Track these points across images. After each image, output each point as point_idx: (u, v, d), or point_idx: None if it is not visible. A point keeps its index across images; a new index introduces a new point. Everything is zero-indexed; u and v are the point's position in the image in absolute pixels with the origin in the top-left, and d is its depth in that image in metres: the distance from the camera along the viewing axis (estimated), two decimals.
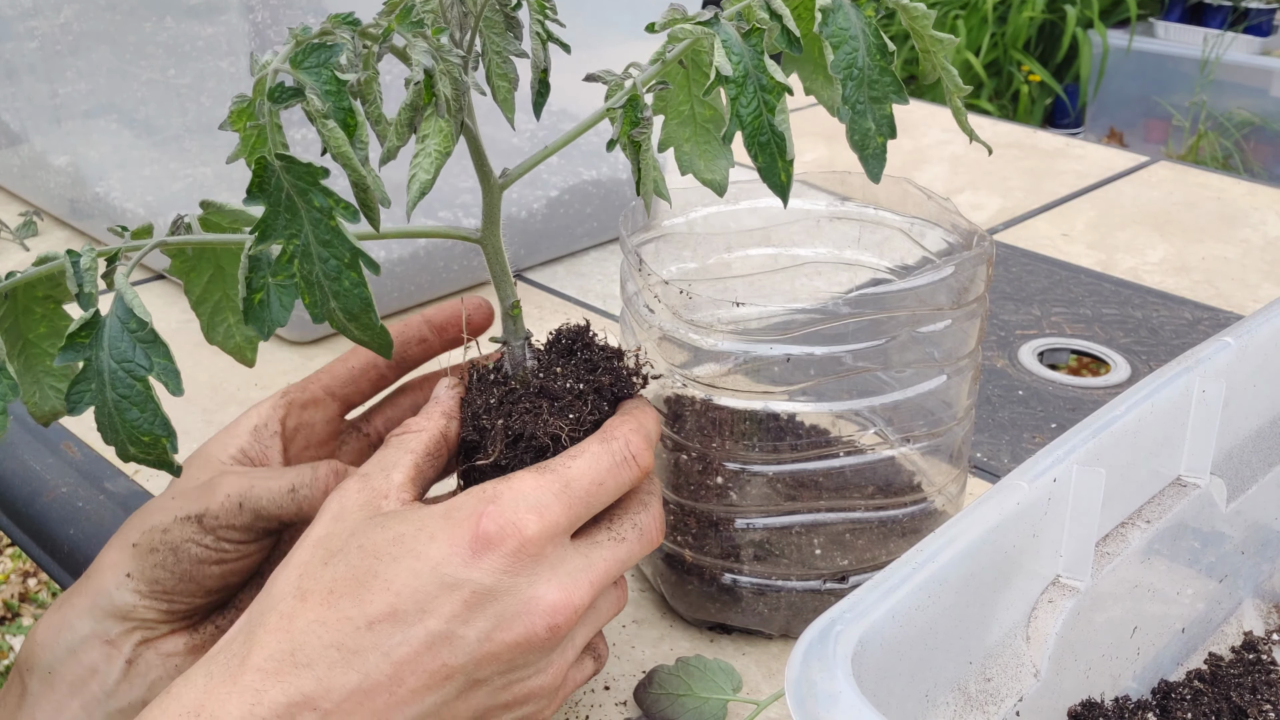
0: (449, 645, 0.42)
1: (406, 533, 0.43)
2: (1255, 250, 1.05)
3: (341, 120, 0.39)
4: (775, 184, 0.44)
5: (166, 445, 0.43)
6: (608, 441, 0.46)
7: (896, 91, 0.44)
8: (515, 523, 0.43)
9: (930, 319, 0.53)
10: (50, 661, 0.49)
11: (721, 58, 0.42)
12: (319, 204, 0.39)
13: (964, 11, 3.87)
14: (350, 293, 0.40)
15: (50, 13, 0.92)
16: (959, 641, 0.41)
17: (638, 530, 0.47)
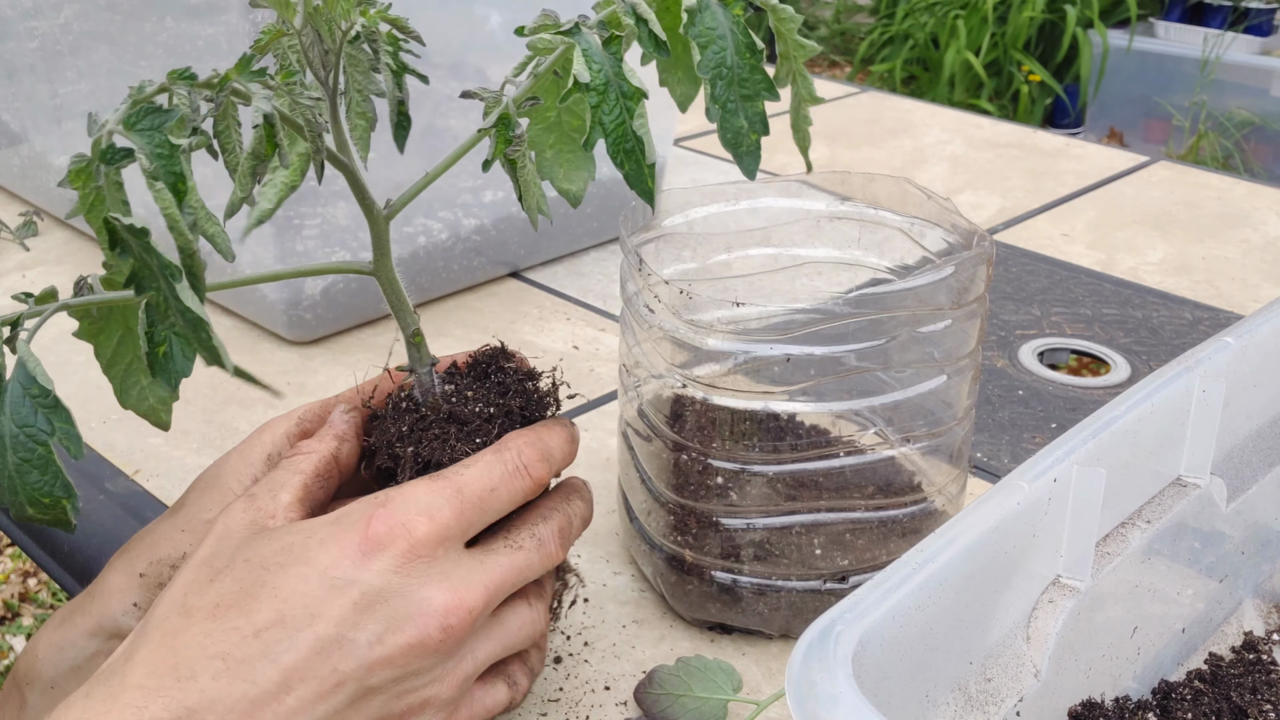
0: (339, 649, 0.41)
1: (295, 542, 0.43)
2: (1255, 250, 1.05)
3: (172, 185, 0.39)
4: (642, 189, 0.44)
5: (67, 506, 0.43)
6: (501, 452, 0.47)
7: (768, 89, 0.45)
8: (405, 524, 0.43)
9: (930, 319, 0.53)
10: (52, 677, 0.49)
11: (581, 66, 0.43)
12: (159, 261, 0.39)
13: (964, 11, 3.87)
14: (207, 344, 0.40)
15: (50, 13, 0.92)
16: (959, 641, 0.41)
17: (536, 540, 0.47)
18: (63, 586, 0.69)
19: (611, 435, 0.75)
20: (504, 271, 0.96)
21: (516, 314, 0.91)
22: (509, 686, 0.49)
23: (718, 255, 0.63)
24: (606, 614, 0.60)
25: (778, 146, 1.30)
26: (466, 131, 0.89)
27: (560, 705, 0.54)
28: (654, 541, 0.58)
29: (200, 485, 0.52)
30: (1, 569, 2.03)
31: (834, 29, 4.86)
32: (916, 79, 4.10)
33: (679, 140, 1.30)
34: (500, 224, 0.92)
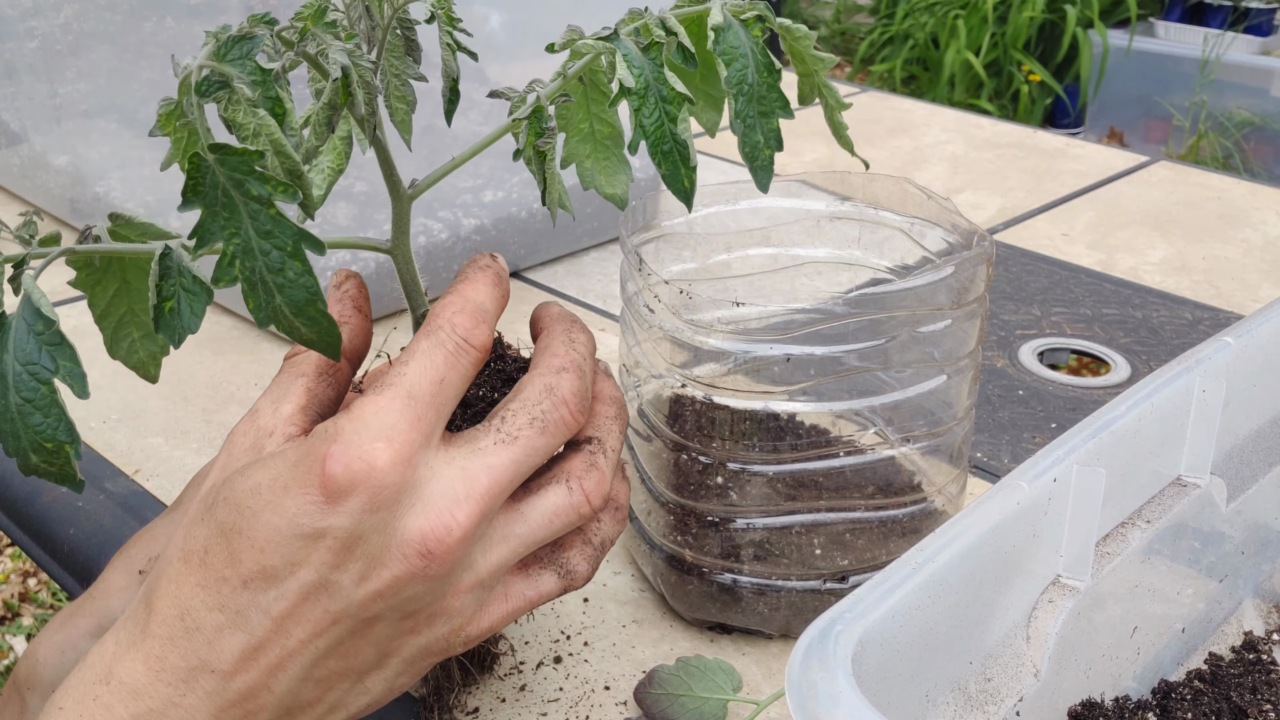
0: (326, 593, 0.40)
1: (263, 482, 0.41)
2: (1255, 250, 1.05)
3: (270, 109, 0.39)
4: (679, 191, 0.45)
5: (70, 452, 0.42)
6: (433, 333, 0.42)
7: (783, 107, 0.46)
8: (363, 458, 0.39)
9: (930, 319, 0.53)
10: (53, 680, 0.49)
11: (624, 70, 0.43)
12: (256, 193, 0.38)
13: (964, 11, 3.88)
14: (295, 283, 0.39)
15: (50, 13, 0.92)
16: (959, 641, 0.41)
17: (538, 424, 0.43)
18: (63, 586, 0.69)
19: None
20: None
21: (516, 314, 0.91)
22: (560, 575, 0.46)
23: (718, 255, 0.63)
24: (606, 614, 0.60)
25: None
26: (467, 131, 0.89)
27: (560, 705, 0.54)
28: (654, 541, 0.58)
29: (196, 482, 0.52)
30: (1, 569, 2.03)
31: (834, 29, 4.86)
32: (916, 79, 4.10)
33: None
34: (500, 224, 0.92)
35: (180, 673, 0.40)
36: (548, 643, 0.58)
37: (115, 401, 0.79)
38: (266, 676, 0.41)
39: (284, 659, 0.41)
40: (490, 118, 0.88)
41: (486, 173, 0.90)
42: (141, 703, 0.40)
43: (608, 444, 0.46)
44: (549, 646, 0.57)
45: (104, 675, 0.41)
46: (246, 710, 0.41)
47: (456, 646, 0.44)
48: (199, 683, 0.40)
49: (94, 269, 0.47)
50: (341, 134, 0.44)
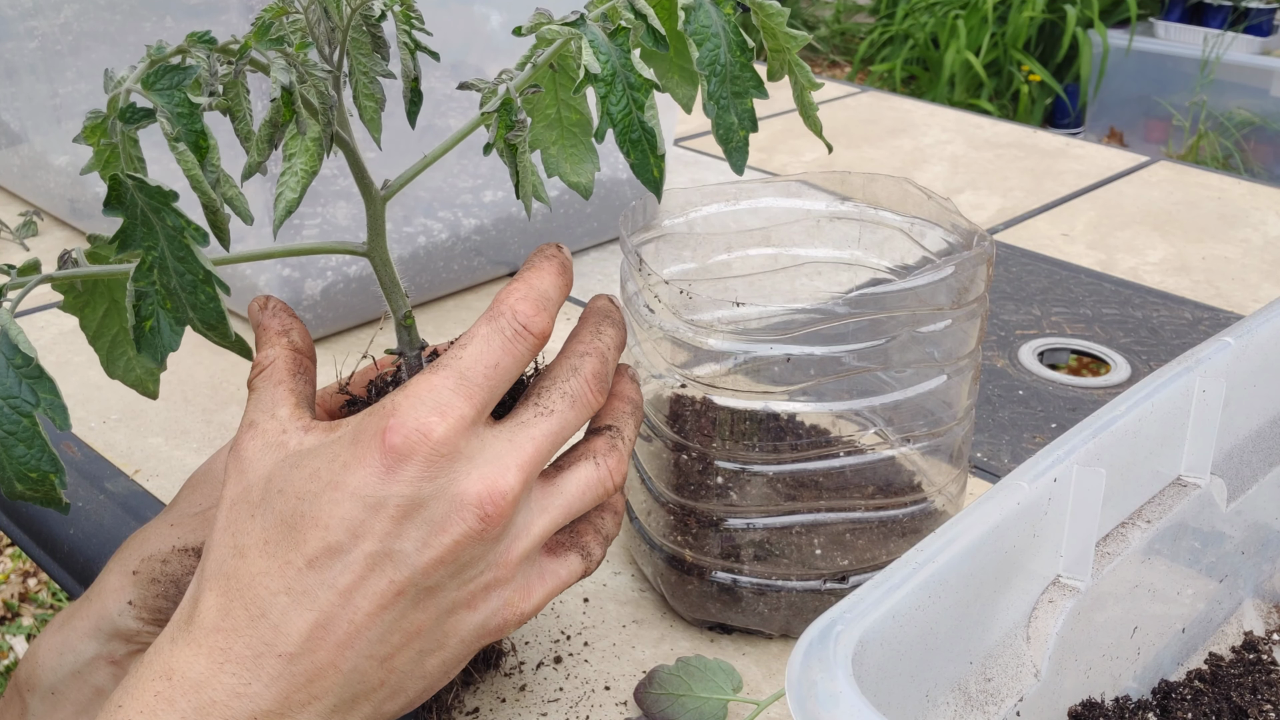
0: (390, 562, 0.42)
1: (321, 466, 0.43)
2: (1255, 250, 1.05)
3: (193, 143, 0.40)
4: (648, 180, 0.44)
5: (55, 482, 0.42)
6: (494, 319, 0.45)
7: (756, 86, 0.46)
8: (419, 429, 0.42)
9: (930, 319, 0.53)
10: (53, 682, 0.49)
11: (590, 57, 0.43)
12: (171, 223, 0.39)
13: (964, 11, 3.88)
14: (206, 306, 0.41)
15: (50, 13, 0.92)
16: (959, 641, 0.41)
17: (569, 399, 0.46)
18: (63, 586, 0.69)
19: None
20: (504, 271, 0.96)
21: None
22: (583, 557, 0.48)
23: (718, 255, 0.63)
24: (606, 614, 0.60)
25: (778, 146, 1.30)
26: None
27: (560, 705, 0.54)
28: (654, 541, 0.58)
29: (191, 482, 0.52)
30: (1, 569, 2.03)
31: (834, 29, 4.86)
32: (916, 79, 4.10)
33: (679, 140, 1.30)
34: (500, 224, 0.92)
35: (245, 660, 0.41)
36: (548, 643, 0.58)
37: (115, 401, 0.79)
38: (334, 654, 0.41)
39: (351, 635, 0.41)
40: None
41: (486, 173, 0.90)
42: (204, 694, 0.40)
43: (625, 433, 0.49)
44: (549, 646, 0.57)
45: (164, 672, 0.41)
46: (312, 694, 0.41)
47: (511, 624, 0.46)
48: (264, 667, 0.41)
49: (80, 292, 0.48)
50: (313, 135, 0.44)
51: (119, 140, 0.40)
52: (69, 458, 0.73)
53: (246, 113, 0.43)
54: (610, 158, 0.98)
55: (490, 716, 0.53)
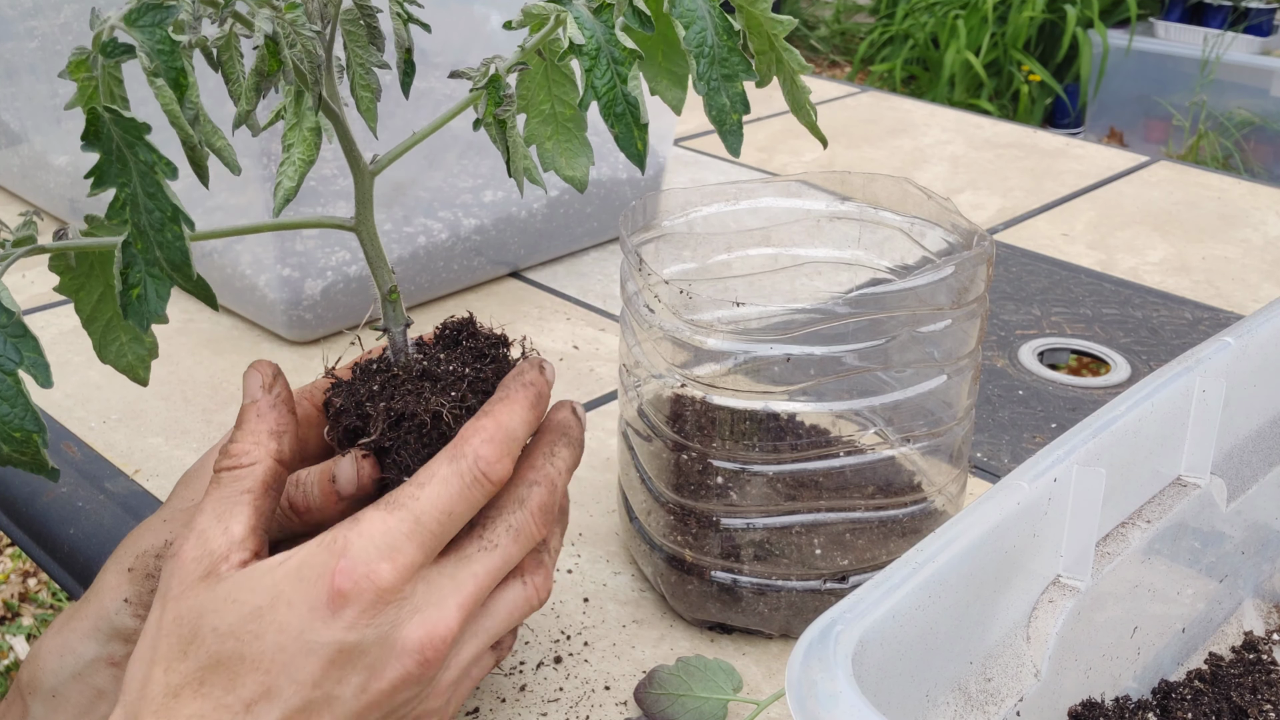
0: (328, 707, 0.42)
1: (263, 605, 0.42)
2: (1255, 250, 1.05)
3: (173, 80, 0.40)
4: (632, 152, 0.45)
5: (38, 441, 0.42)
6: (456, 460, 0.44)
7: (745, 69, 0.46)
8: (368, 575, 0.42)
9: (930, 319, 0.53)
10: (54, 685, 0.49)
11: (574, 29, 0.43)
12: (144, 158, 0.39)
13: (964, 11, 3.88)
14: (172, 245, 0.40)
15: (50, 13, 0.92)
16: (959, 641, 0.41)
17: (512, 532, 0.46)
18: (63, 586, 0.69)
19: (611, 435, 0.75)
20: (504, 271, 0.96)
21: (516, 314, 0.91)
22: (495, 652, 0.49)
23: (718, 255, 0.63)
24: (606, 614, 0.60)
25: (778, 146, 1.30)
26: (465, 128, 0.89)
27: (560, 705, 0.54)
28: (654, 541, 0.58)
29: (184, 479, 0.52)
30: (1, 569, 2.03)
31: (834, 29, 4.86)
32: (916, 79, 4.10)
33: (679, 140, 1.30)
34: (500, 224, 0.92)
35: None
36: (548, 643, 0.58)
37: (115, 401, 0.79)
38: None
39: None
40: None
41: (487, 173, 0.90)
42: None
43: (551, 545, 0.50)
44: (549, 646, 0.57)
45: None
46: None
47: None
48: None
49: (77, 273, 0.48)
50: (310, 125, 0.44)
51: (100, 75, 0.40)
52: (69, 458, 0.73)
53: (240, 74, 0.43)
54: (610, 158, 0.98)
55: (490, 716, 0.53)
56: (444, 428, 0.47)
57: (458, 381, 0.48)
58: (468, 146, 0.88)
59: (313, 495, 0.49)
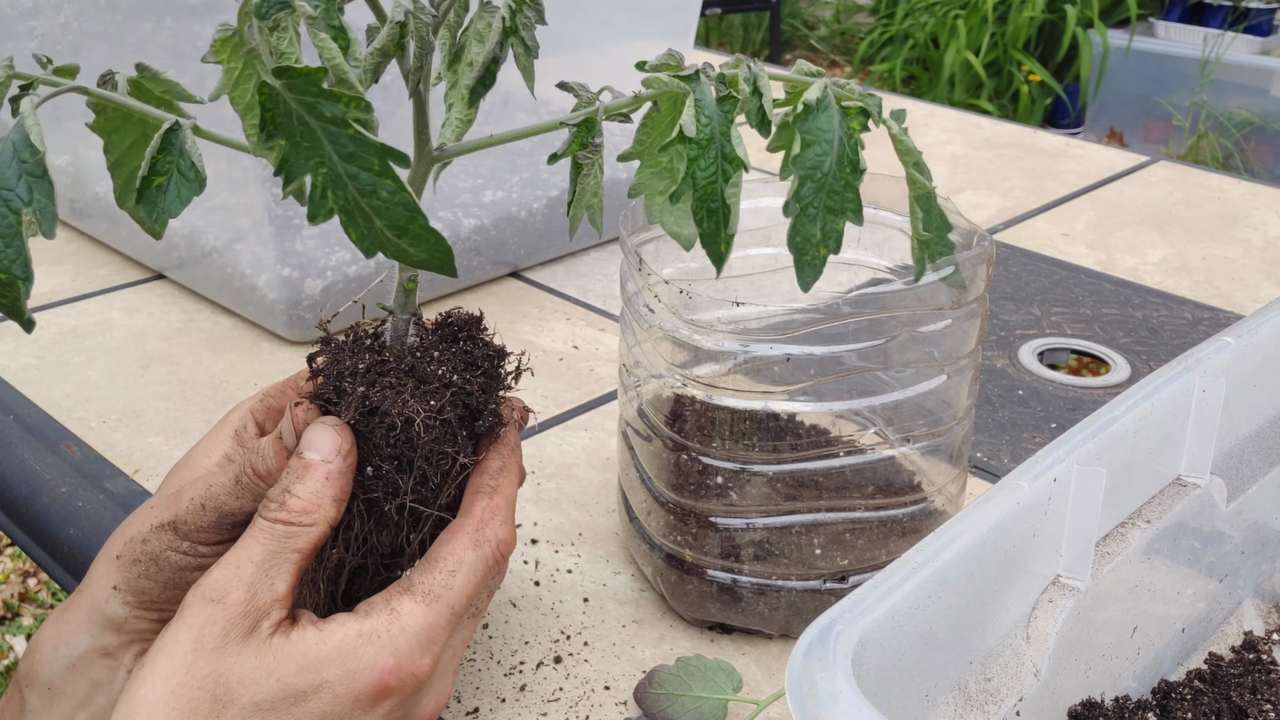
0: None
1: (307, 691, 0.43)
2: (1255, 250, 1.05)
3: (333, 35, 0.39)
4: (714, 252, 0.43)
5: (20, 288, 0.40)
6: (481, 546, 0.47)
7: (855, 211, 0.43)
8: (414, 672, 0.45)
9: (930, 319, 0.53)
10: (50, 677, 0.49)
11: (689, 118, 0.41)
12: (330, 114, 0.36)
13: (964, 11, 3.88)
14: (391, 204, 0.37)
15: (50, 13, 0.92)
16: (959, 641, 0.41)
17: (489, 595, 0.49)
18: (63, 586, 0.69)
19: (611, 435, 0.75)
20: (504, 271, 0.96)
21: (516, 314, 0.91)
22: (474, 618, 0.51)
23: None
24: (606, 614, 0.60)
25: None
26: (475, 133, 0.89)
27: (560, 705, 0.54)
28: (654, 541, 0.58)
29: (174, 468, 0.52)
30: (1, 569, 2.03)
31: (834, 29, 4.86)
32: (916, 79, 4.10)
33: None
34: (500, 224, 0.92)
35: None
36: (548, 643, 0.58)
37: (115, 401, 0.79)
38: None
39: None
40: (489, 117, 0.88)
41: (487, 173, 0.90)
42: None
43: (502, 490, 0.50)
44: (549, 646, 0.57)
45: None
46: None
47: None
48: None
49: (112, 116, 0.46)
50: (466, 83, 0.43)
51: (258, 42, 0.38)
52: (69, 458, 0.73)
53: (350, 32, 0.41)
54: (611, 157, 0.98)
55: (490, 716, 0.53)
56: (412, 434, 0.46)
57: (441, 390, 0.47)
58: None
59: (269, 458, 0.48)
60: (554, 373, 0.83)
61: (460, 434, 0.48)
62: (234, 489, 0.48)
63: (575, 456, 0.73)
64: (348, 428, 0.47)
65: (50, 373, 0.82)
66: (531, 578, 0.62)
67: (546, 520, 0.67)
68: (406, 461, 0.47)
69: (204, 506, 0.48)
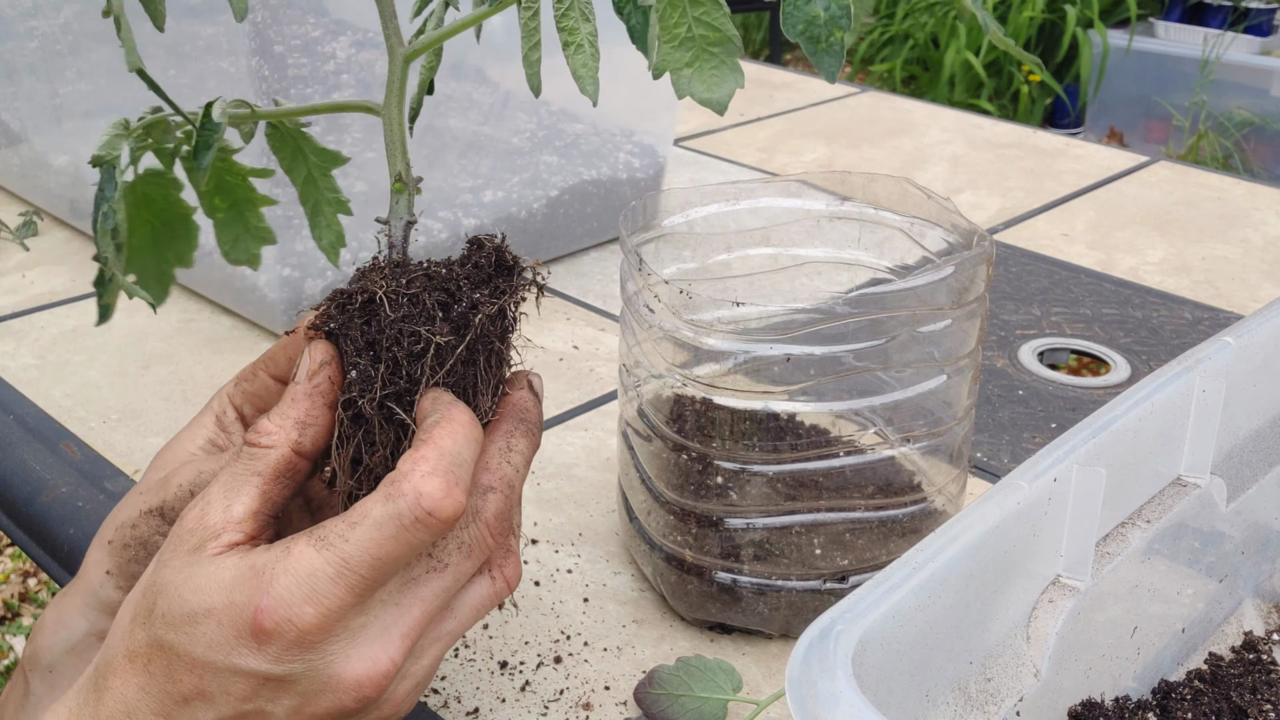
0: (262, 717, 0.42)
1: (199, 613, 0.41)
2: (1255, 250, 1.05)
3: None
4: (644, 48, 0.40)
5: None
6: (393, 500, 0.40)
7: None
8: (290, 619, 0.40)
9: (930, 319, 0.53)
10: (50, 661, 0.49)
11: None
12: None
13: None
14: None
15: (50, 13, 0.92)
16: (959, 641, 0.41)
17: (464, 549, 0.43)
18: (62, 586, 0.69)
19: (611, 435, 0.75)
20: None
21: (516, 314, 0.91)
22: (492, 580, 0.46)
23: (718, 255, 0.63)
24: (606, 614, 0.60)
25: (778, 146, 1.30)
26: (465, 128, 0.89)
27: (560, 705, 0.54)
28: (654, 541, 0.58)
29: (159, 454, 0.52)
30: (1, 569, 2.03)
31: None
32: (916, 79, 4.10)
33: (679, 140, 1.30)
34: (500, 224, 0.92)
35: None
36: (548, 643, 0.58)
37: (115, 401, 0.79)
38: None
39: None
40: (489, 117, 0.88)
41: (486, 172, 0.90)
42: None
43: (515, 523, 0.46)
44: (549, 646, 0.57)
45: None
46: None
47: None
48: None
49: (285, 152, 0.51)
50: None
51: None
52: (69, 458, 0.73)
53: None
54: (611, 158, 0.98)
55: (490, 716, 0.53)
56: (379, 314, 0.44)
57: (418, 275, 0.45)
58: (468, 146, 0.88)
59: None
60: (554, 373, 0.83)
61: (436, 315, 0.44)
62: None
63: (575, 456, 0.73)
64: (324, 343, 0.45)
65: (50, 373, 0.82)
66: (532, 578, 0.62)
67: (546, 520, 0.67)
68: (377, 348, 0.44)
69: (191, 493, 0.48)
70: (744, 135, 1.33)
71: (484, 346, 0.46)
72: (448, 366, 0.44)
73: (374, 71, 0.79)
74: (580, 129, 0.95)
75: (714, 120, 1.38)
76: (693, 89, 0.42)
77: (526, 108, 0.90)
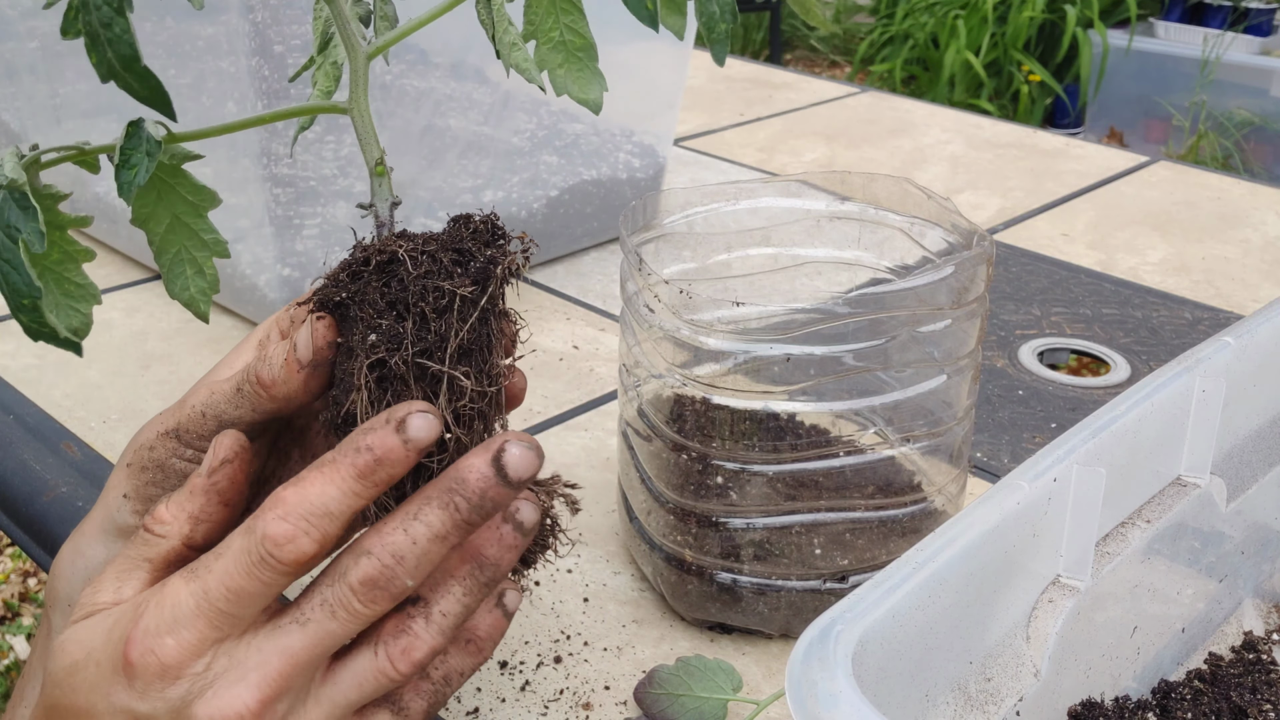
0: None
1: (79, 661, 0.42)
2: (1255, 250, 1.05)
3: None
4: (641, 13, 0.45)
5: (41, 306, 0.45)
6: (248, 533, 0.41)
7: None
8: (152, 650, 0.41)
9: (930, 319, 0.53)
10: (69, 593, 0.49)
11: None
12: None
13: (964, 11, 3.88)
14: (119, 39, 0.42)
15: (50, 13, 0.92)
16: (959, 641, 0.41)
17: (326, 607, 0.41)
18: None
19: (611, 435, 0.75)
20: None
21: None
22: (394, 713, 0.45)
23: (718, 255, 0.63)
24: (606, 614, 0.60)
25: (778, 146, 1.30)
26: (465, 129, 0.89)
27: (560, 705, 0.54)
28: (654, 541, 0.58)
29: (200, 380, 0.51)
30: (1, 569, 2.03)
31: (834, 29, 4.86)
32: (916, 79, 4.10)
33: (679, 140, 1.30)
34: None
35: None
36: (548, 643, 0.58)
37: (115, 401, 0.79)
38: None
39: None
40: (490, 117, 0.88)
41: (486, 172, 0.90)
42: None
43: (437, 606, 0.43)
44: (549, 646, 0.57)
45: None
46: None
47: None
48: None
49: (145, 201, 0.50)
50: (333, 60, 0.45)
51: None
52: (69, 458, 0.73)
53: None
54: (611, 158, 0.98)
55: (490, 716, 0.53)
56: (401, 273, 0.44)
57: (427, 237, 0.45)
58: (468, 146, 0.88)
59: (276, 368, 0.46)
60: (554, 373, 0.83)
61: (455, 271, 0.44)
62: (234, 397, 0.47)
63: (575, 456, 0.73)
64: (229, 438, 0.46)
65: (50, 373, 0.82)
66: (532, 578, 0.62)
67: None
68: (401, 306, 0.44)
69: (204, 414, 0.48)
70: (744, 135, 1.33)
71: (493, 305, 0.46)
72: (471, 321, 0.44)
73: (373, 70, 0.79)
74: (580, 129, 0.95)
75: (714, 120, 1.38)
76: (569, 88, 0.48)
77: (526, 108, 0.90)
